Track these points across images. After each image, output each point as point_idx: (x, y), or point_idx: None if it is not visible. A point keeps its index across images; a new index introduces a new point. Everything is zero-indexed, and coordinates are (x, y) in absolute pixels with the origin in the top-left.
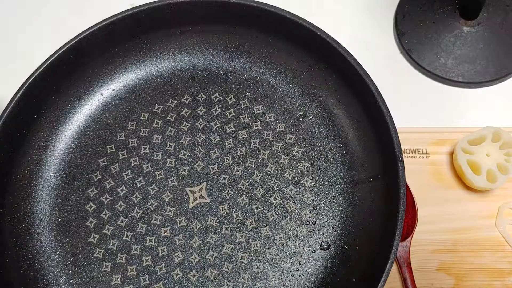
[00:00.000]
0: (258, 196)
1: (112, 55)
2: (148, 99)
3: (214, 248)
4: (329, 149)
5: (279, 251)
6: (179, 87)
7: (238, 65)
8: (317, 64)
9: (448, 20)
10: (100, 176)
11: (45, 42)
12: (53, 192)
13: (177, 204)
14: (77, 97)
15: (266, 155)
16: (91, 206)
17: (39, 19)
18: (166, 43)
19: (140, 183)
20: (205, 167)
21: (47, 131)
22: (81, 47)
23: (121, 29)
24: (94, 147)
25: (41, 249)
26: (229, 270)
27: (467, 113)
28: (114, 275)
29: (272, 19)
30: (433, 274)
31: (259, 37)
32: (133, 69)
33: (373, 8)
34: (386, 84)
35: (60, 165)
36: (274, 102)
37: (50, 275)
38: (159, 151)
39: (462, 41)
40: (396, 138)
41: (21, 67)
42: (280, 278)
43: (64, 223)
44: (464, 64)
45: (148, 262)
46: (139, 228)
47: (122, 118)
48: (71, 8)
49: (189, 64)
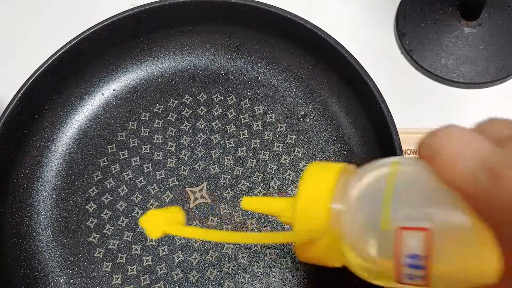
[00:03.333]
0: (259, 196)
1: (113, 55)
2: (149, 99)
3: (215, 248)
4: (330, 149)
5: (280, 251)
6: (180, 87)
7: (239, 65)
8: (318, 65)
9: (449, 20)
10: (100, 176)
11: (46, 42)
12: (53, 192)
13: (177, 204)
14: (78, 97)
15: (266, 155)
16: (91, 206)
17: (40, 19)
18: (167, 43)
19: (141, 183)
20: (206, 167)
21: (48, 130)
22: (82, 47)
23: (122, 29)
24: (94, 147)
25: (41, 249)
26: (230, 270)
27: (468, 114)
28: (114, 275)
29: (272, 19)
30: None
31: (260, 37)
32: (134, 69)
33: (374, 8)
34: (387, 85)
35: (60, 165)
36: (275, 102)
37: (50, 275)
38: (160, 151)
39: (463, 42)
40: (397, 138)
41: (22, 67)
42: (280, 278)
43: (64, 222)
44: (465, 65)
45: (149, 262)
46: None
47: (123, 118)
48: (71, 8)
49: (190, 64)
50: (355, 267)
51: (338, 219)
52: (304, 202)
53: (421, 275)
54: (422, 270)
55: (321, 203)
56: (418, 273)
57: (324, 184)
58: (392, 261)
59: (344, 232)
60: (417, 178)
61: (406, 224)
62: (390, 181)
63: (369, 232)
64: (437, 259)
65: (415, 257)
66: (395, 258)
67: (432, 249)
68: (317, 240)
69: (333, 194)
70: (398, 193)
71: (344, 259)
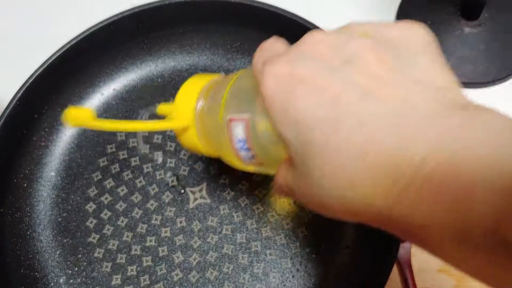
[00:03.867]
0: (259, 196)
1: (113, 55)
2: (148, 99)
3: (215, 249)
4: None
5: (280, 251)
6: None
7: (239, 65)
8: None
9: (450, 21)
10: (100, 176)
11: (46, 42)
12: (53, 192)
13: (177, 204)
14: (78, 96)
15: None
16: (91, 206)
17: (40, 19)
18: (166, 43)
19: (141, 183)
20: (206, 167)
21: (48, 130)
22: (82, 47)
23: (122, 29)
24: (94, 147)
25: (41, 249)
26: (230, 270)
27: None
28: (114, 275)
29: (273, 19)
30: (434, 275)
31: (260, 37)
32: (134, 69)
33: (374, 8)
34: None
35: (60, 165)
36: None
37: (50, 275)
38: (160, 150)
39: (463, 42)
40: None
41: (22, 67)
42: (280, 278)
43: (64, 223)
44: (466, 65)
45: (149, 262)
46: (140, 228)
47: (123, 118)
48: (71, 8)
49: (190, 64)
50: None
51: (197, 116)
52: (179, 102)
53: (251, 155)
54: (250, 151)
55: (189, 104)
56: (249, 154)
57: (194, 90)
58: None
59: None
60: (247, 82)
61: (232, 116)
62: (229, 85)
63: (214, 125)
64: (254, 142)
65: (241, 141)
66: (231, 144)
67: (250, 134)
68: (188, 129)
69: (198, 96)
70: (231, 94)
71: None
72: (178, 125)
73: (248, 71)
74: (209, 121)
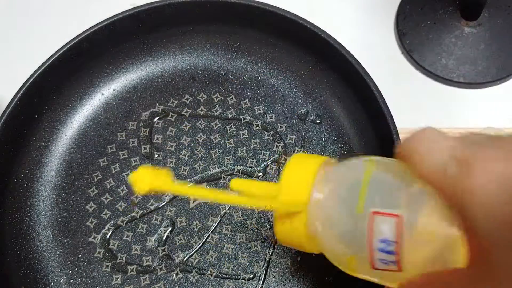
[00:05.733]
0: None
1: (113, 55)
2: (148, 99)
3: (215, 249)
4: (330, 149)
5: (280, 251)
6: (180, 87)
7: (239, 65)
8: (318, 64)
9: (449, 20)
10: (100, 176)
11: (46, 42)
12: (53, 192)
13: (177, 204)
14: (78, 97)
15: (266, 155)
16: (91, 206)
17: (40, 19)
18: (167, 43)
19: None
20: (206, 167)
21: (48, 130)
22: (82, 47)
23: (122, 29)
24: (94, 146)
25: (41, 249)
26: (230, 270)
27: (468, 114)
28: (114, 275)
29: (272, 19)
30: None
31: (260, 37)
32: (134, 69)
33: (374, 8)
34: (387, 85)
35: (60, 165)
36: (275, 102)
37: (50, 275)
38: (160, 151)
39: (463, 42)
40: (397, 138)
41: (22, 67)
42: (280, 278)
43: (64, 223)
44: (465, 65)
45: (149, 262)
46: (140, 228)
47: (123, 118)
48: (71, 8)
49: (190, 64)
50: (330, 254)
51: (315, 203)
52: (288, 184)
53: (393, 260)
54: (394, 255)
55: (303, 186)
56: (390, 258)
57: (307, 172)
58: (366, 245)
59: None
60: (391, 173)
61: (379, 210)
62: (367, 174)
63: (345, 217)
64: (407, 245)
65: (386, 242)
66: (368, 242)
67: (403, 235)
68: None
69: (314, 181)
70: (373, 185)
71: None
72: (291, 206)
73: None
74: (334, 210)
